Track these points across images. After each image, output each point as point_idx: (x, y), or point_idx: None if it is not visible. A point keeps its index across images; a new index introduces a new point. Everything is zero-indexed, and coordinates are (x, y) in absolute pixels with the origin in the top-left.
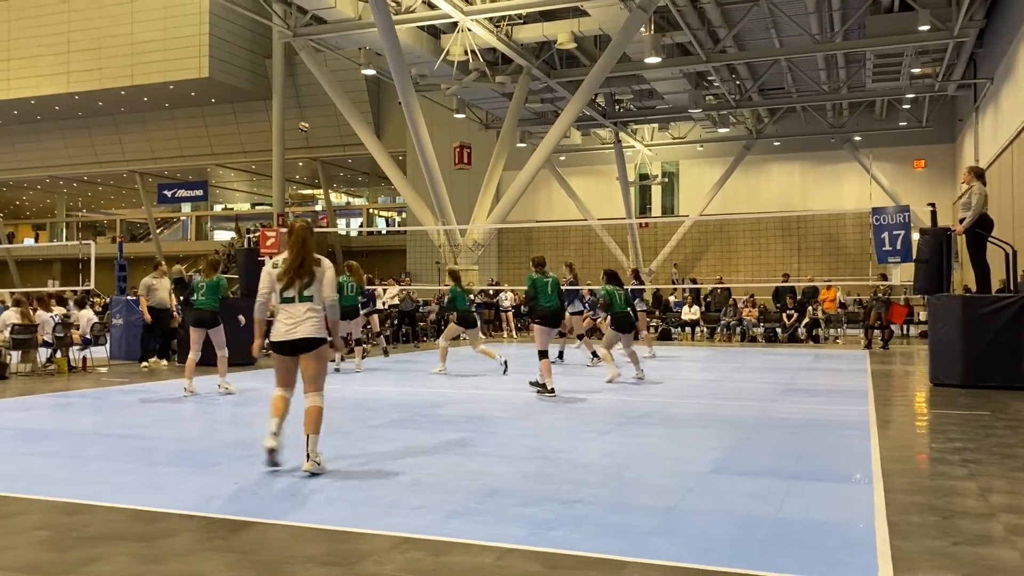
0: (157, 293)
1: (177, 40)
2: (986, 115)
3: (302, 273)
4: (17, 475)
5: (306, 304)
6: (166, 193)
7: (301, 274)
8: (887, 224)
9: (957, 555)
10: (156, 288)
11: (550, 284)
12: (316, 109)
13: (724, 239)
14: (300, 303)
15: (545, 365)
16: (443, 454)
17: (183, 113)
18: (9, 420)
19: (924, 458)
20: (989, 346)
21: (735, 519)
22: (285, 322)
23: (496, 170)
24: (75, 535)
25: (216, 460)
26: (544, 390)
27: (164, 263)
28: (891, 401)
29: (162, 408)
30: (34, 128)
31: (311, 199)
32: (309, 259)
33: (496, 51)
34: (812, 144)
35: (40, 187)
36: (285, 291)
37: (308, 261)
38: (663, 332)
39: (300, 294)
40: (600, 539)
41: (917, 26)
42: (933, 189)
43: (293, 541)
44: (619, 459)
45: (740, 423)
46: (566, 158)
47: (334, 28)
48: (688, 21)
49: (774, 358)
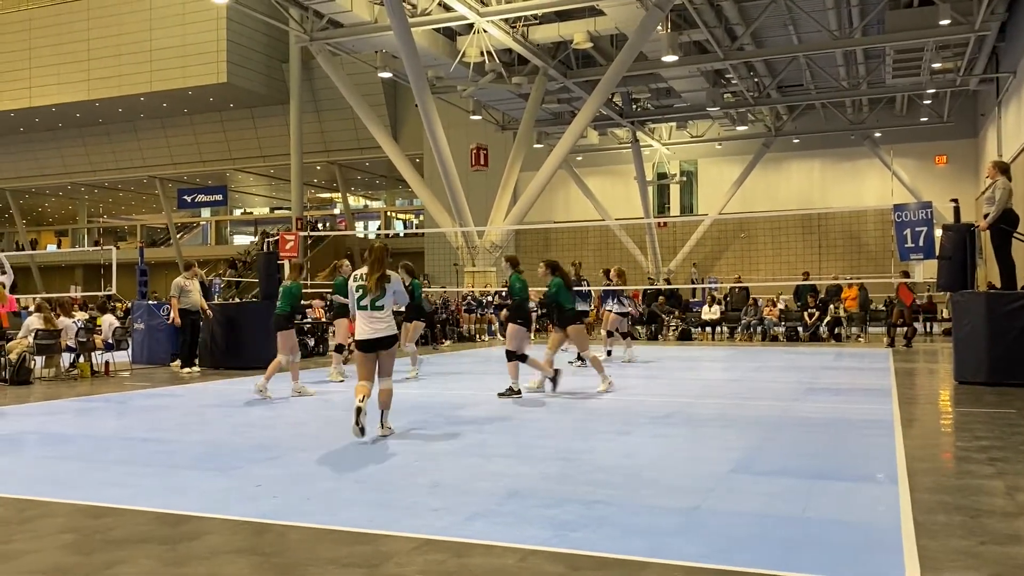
0: (190, 295)
1: (195, 46)
2: (1009, 109)
3: (378, 287)
4: (42, 479)
5: (379, 312)
6: (186, 198)
7: (377, 287)
8: (909, 221)
9: (984, 555)
10: (189, 290)
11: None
12: (333, 112)
13: (744, 238)
14: (373, 311)
15: (514, 367)
16: (464, 455)
17: (202, 118)
18: (33, 424)
19: (950, 457)
20: (1014, 343)
21: (757, 519)
22: (365, 326)
23: (513, 171)
24: (99, 538)
25: (238, 463)
26: (511, 393)
27: (196, 265)
28: (915, 399)
29: (184, 412)
30: (55, 136)
31: (329, 202)
32: (383, 275)
33: (512, 52)
34: (832, 141)
35: (62, 194)
36: (361, 300)
37: (383, 277)
38: (683, 332)
39: (372, 303)
40: (622, 540)
41: (937, 20)
42: (955, 185)
43: (315, 543)
44: (639, 460)
45: (761, 422)
46: (583, 158)
47: (350, 32)
48: (705, 19)
49: (795, 357)
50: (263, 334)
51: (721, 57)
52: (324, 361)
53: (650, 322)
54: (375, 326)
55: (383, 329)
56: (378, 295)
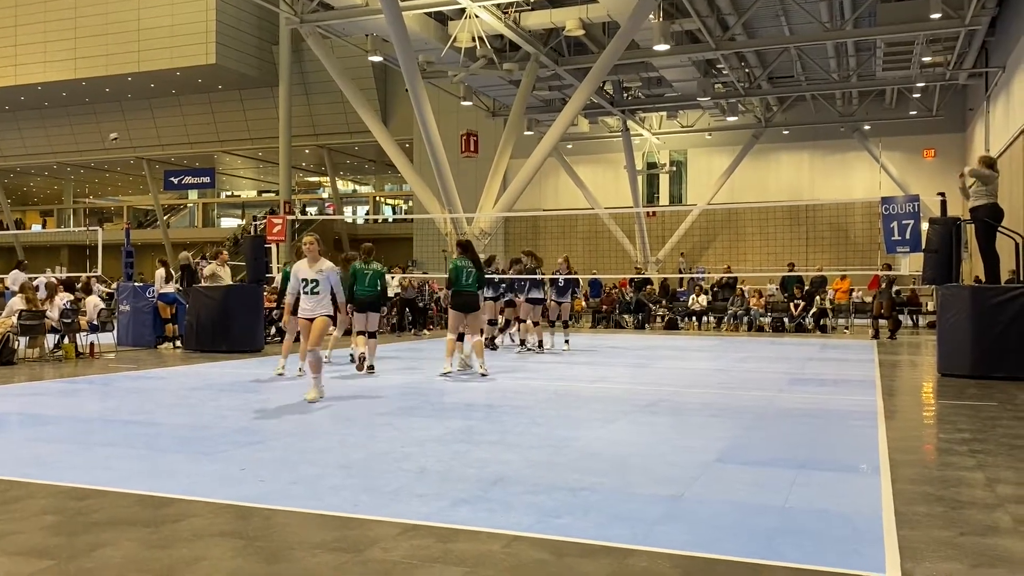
0: (222, 281)
1: (184, 26)
2: (997, 104)
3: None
4: (25, 460)
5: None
6: (173, 180)
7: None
8: (896, 213)
9: (964, 545)
10: (221, 276)
11: (466, 271)
12: (323, 96)
13: (732, 228)
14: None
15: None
16: (450, 442)
17: (190, 100)
18: (17, 405)
19: (932, 448)
20: (998, 337)
21: (741, 508)
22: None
23: (503, 158)
24: (83, 520)
25: (223, 447)
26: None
27: (224, 251)
28: (899, 391)
29: (170, 394)
30: (41, 114)
31: (317, 186)
32: (478, 261)
33: (504, 38)
34: (821, 133)
35: (47, 173)
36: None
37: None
38: (670, 321)
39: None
40: (607, 527)
41: (929, 14)
42: (943, 179)
43: (300, 527)
44: (625, 447)
45: (747, 412)
46: (573, 146)
47: (341, 14)
48: (697, 8)
49: (781, 348)
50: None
51: (713, 47)
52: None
53: (637, 311)
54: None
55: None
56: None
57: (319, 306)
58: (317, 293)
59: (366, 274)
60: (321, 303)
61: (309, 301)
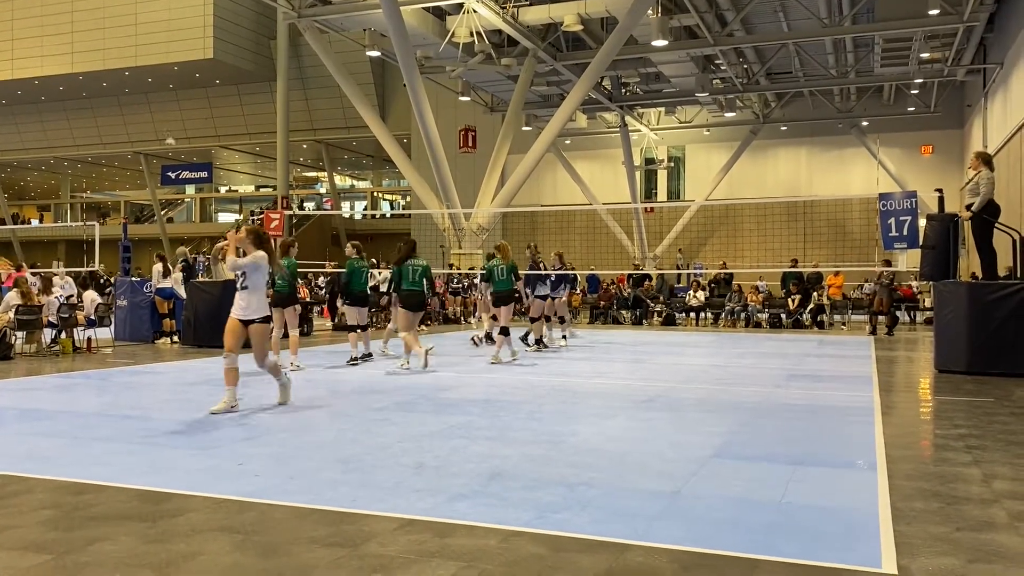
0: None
1: (181, 21)
2: (995, 101)
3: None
4: (22, 455)
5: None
6: (170, 175)
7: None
8: (894, 210)
9: (960, 541)
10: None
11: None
12: (320, 91)
13: (730, 224)
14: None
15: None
16: (447, 437)
17: (187, 94)
18: (14, 400)
19: (928, 444)
20: (995, 333)
21: (738, 504)
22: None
23: (501, 153)
24: (80, 515)
25: (221, 442)
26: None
27: None
28: (895, 387)
29: (167, 389)
30: (38, 109)
31: (315, 181)
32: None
33: (502, 33)
34: (819, 129)
35: (45, 168)
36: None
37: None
38: (667, 317)
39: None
40: (604, 523)
41: (927, 10)
42: (941, 175)
43: (297, 522)
44: (623, 443)
45: (744, 408)
46: (571, 142)
47: (339, 9)
48: (696, 4)
49: (779, 344)
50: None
51: (711, 43)
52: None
53: (635, 307)
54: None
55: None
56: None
57: (251, 307)
58: (246, 288)
59: (416, 270)
60: (253, 303)
61: (242, 298)
